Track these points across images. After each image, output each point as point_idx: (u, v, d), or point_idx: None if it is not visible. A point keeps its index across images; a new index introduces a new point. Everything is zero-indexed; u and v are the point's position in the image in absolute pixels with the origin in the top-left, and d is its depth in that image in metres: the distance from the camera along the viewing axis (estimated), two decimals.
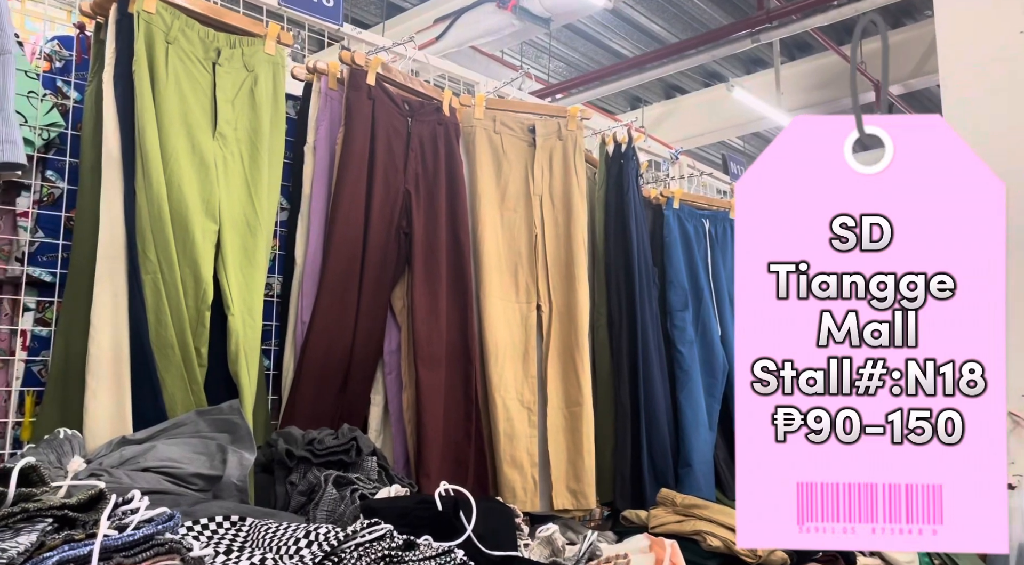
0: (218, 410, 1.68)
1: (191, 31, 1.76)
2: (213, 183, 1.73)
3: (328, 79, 2.14)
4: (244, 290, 1.77)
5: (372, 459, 1.78)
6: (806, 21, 5.45)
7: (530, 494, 2.24)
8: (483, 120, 2.46)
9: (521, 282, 2.44)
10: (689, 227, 3.16)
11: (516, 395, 2.33)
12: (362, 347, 2.08)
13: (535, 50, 7.79)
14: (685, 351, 2.95)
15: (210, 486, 1.61)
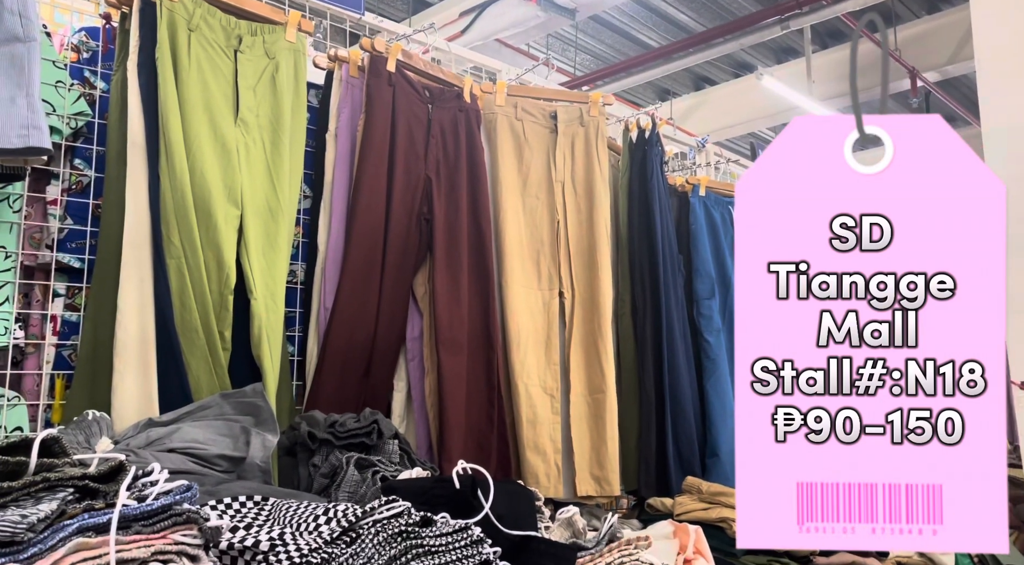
0: (242, 393, 1.70)
1: (213, 19, 1.78)
2: (235, 169, 1.75)
3: (349, 67, 2.15)
4: (266, 275, 1.79)
5: (394, 442, 1.79)
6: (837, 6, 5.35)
7: (553, 480, 2.23)
8: (504, 107, 2.46)
9: (543, 269, 2.43)
10: (716, 215, 3.12)
11: (539, 382, 2.32)
12: (384, 333, 2.09)
13: (561, 43, 7.76)
14: (712, 340, 2.91)
15: (234, 467, 1.63)
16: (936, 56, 6.72)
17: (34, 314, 1.80)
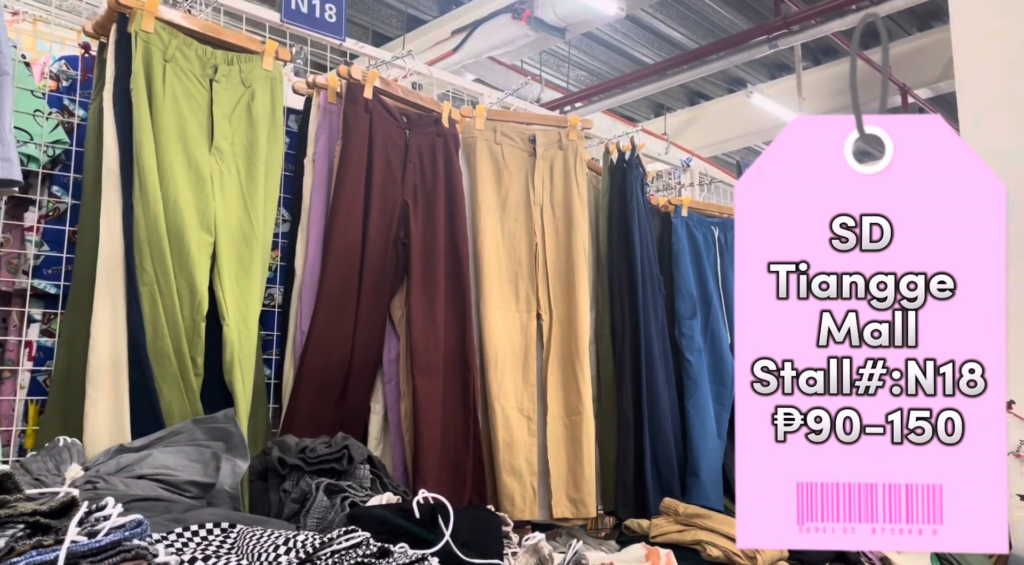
0: (213, 419, 1.71)
1: (188, 49, 1.81)
2: (209, 197, 1.78)
3: (327, 93, 2.18)
4: (239, 301, 1.80)
5: (365, 467, 1.80)
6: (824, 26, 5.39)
7: (529, 503, 2.24)
8: (484, 131, 2.48)
9: (521, 291, 2.45)
10: (698, 235, 3.14)
11: (516, 403, 2.33)
12: (361, 356, 2.11)
13: (555, 59, 7.81)
14: (693, 360, 2.93)
15: (204, 493, 1.65)
16: (927, 73, 6.76)
17: (11, 340, 1.82)
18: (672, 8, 6.82)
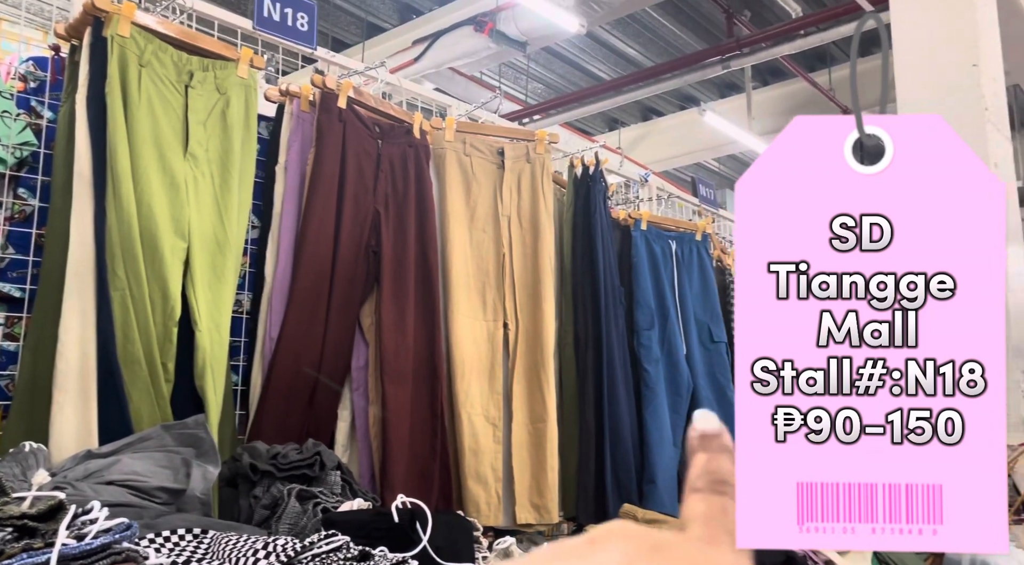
0: (183, 424, 1.71)
1: (164, 55, 1.81)
2: (183, 202, 1.77)
3: (300, 101, 2.19)
4: (212, 307, 1.80)
5: (336, 473, 1.82)
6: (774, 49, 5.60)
7: (494, 509, 2.28)
8: (453, 142, 2.53)
9: (489, 300, 2.49)
10: (656, 248, 3.24)
11: (482, 411, 2.37)
12: (330, 363, 2.12)
13: (514, 71, 7.91)
14: (651, 369, 3.01)
15: (174, 500, 1.64)
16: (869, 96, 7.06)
17: None
18: (629, 27, 6.98)
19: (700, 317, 3.29)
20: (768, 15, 6.53)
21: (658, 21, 6.86)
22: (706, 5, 6.35)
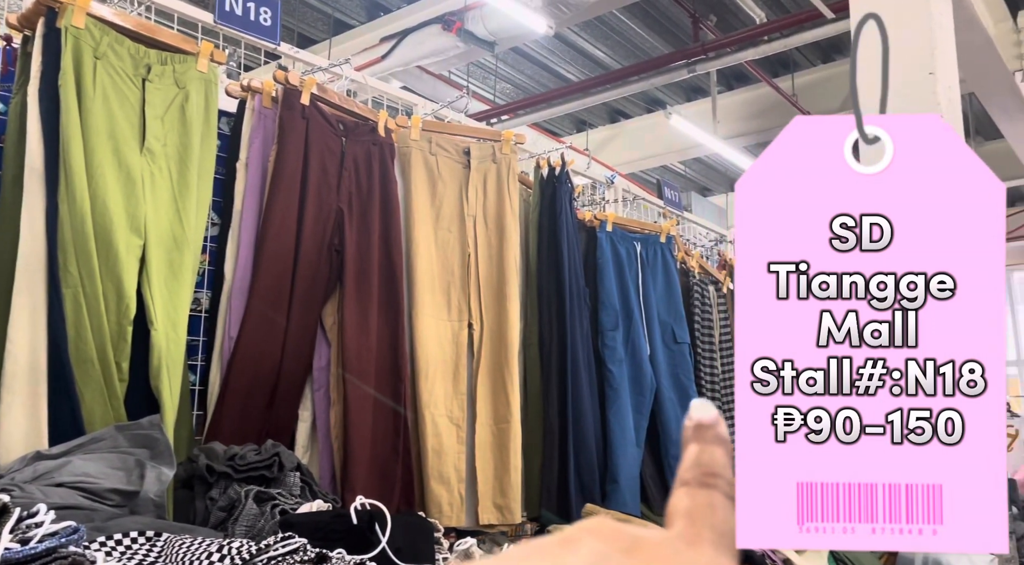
0: (138, 425, 1.67)
1: (120, 47, 1.77)
2: (139, 198, 1.74)
3: (262, 97, 2.16)
4: (168, 305, 1.77)
5: (295, 475, 1.79)
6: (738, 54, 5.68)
7: (456, 510, 2.27)
8: (419, 141, 2.51)
9: (453, 300, 2.49)
10: (621, 250, 3.26)
11: (445, 411, 2.36)
12: (291, 363, 2.09)
13: (482, 71, 7.90)
14: (615, 370, 3.03)
15: (127, 502, 1.60)
16: (830, 102, 7.21)
17: None
18: (597, 29, 7.02)
19: (664, 318, 3.32)
20: (733, 20, 6.62)
21: (626, 24, 6.91)
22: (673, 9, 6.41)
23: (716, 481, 0.30)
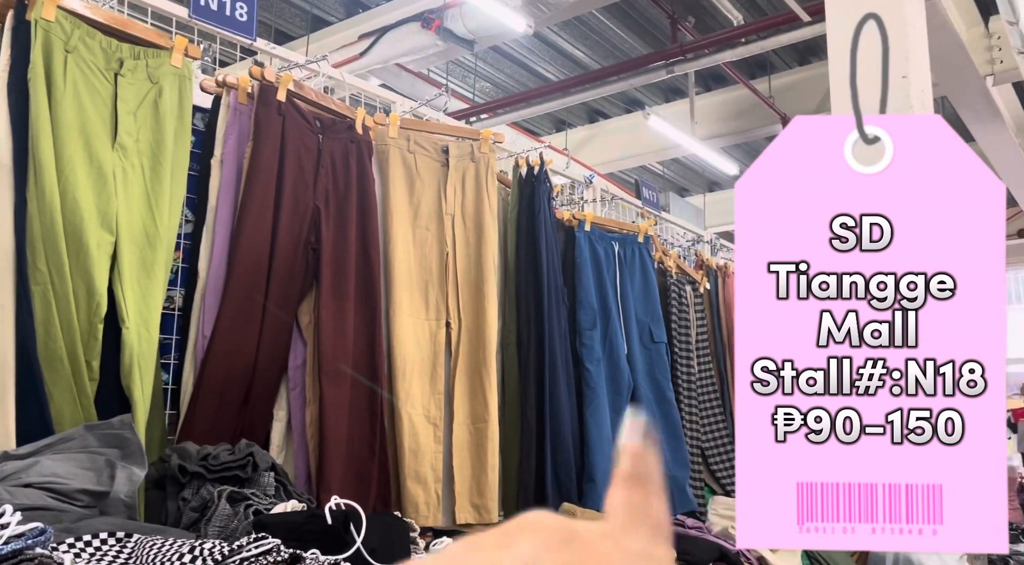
0: (108, 425, 1.64)
1: (92, 41, 1.74)
2: (111, 194, 1.71)
3: (238, 93, 2.14)
4: (140, 303, 1.74)
5: (269, 474, 1.78)
6: (716, 55, 5.72)
7: (433, 509, 2.26)
8: (397, 139, 2.50)
9: (431, 299, 2.48)
10: (599, 249, 3.27)
11: (423, 411, 2.36)
12: (265, 362, 2.07)
13: (461, 70, 7.88)
14: (592, 369, 3.04)
15: (96, 502, 1.58)
16: (806, 104, 7.28)
17: None
18: (576, 29, 7.04)
19: (641, 318, 3.34)
20: (711, 22, 6.67)
21: (605, 24, 6.93)
22: (651, 10, 6.45)
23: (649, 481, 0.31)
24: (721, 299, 4.10)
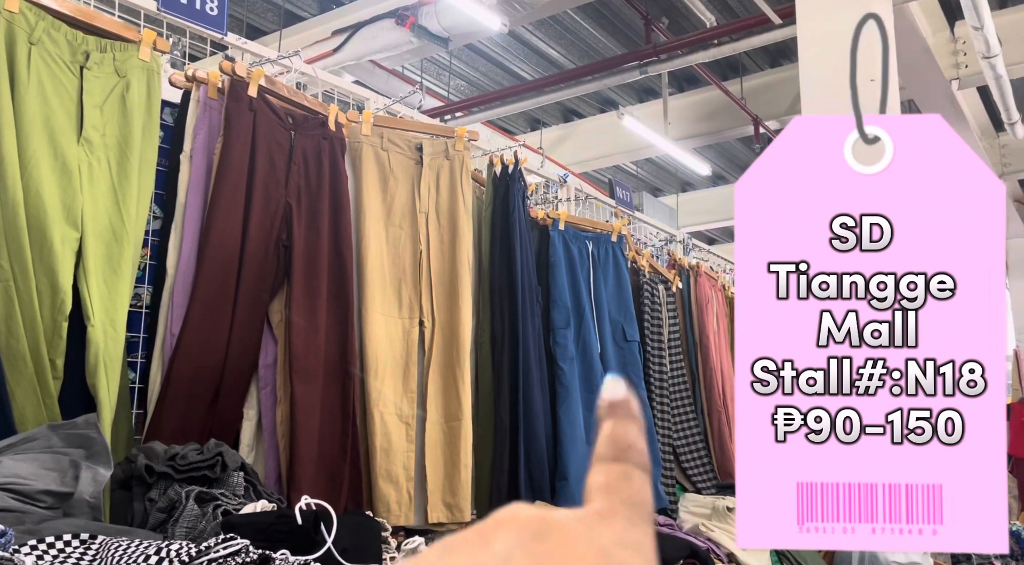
0: (73, 424, 1.61)
1: (57, 33, 1.70)
2: (76, 189, 1.67)
3: (208, 88, 2.11)
4: (107, 300, 1.71)
5: (239, 474, 1.75)
6: (689, 57, 5.77)
7: (404, 509, 2.25)
8: (370, 136, 2.48)
9: (404, 297, 2.46)
10: (573, 248, 3.28)
11: (395, 410, 2.34)
12: (235, 360, 2.05)
13: (436, 67, 7.86)
14: (566, 367, 3.05)
15: (60, 504, 1.55)
16: (776, 106, 7.37)
17: None
18: (551, 28, 7.05)
19: (614, 316, 3.36)
20: (684, 23, 6.72)
21: (579, 24, 6.95)
22: (626, 11, 6.48)
23: (630, 453, 0.30)
24: (693, 298, 4.14)
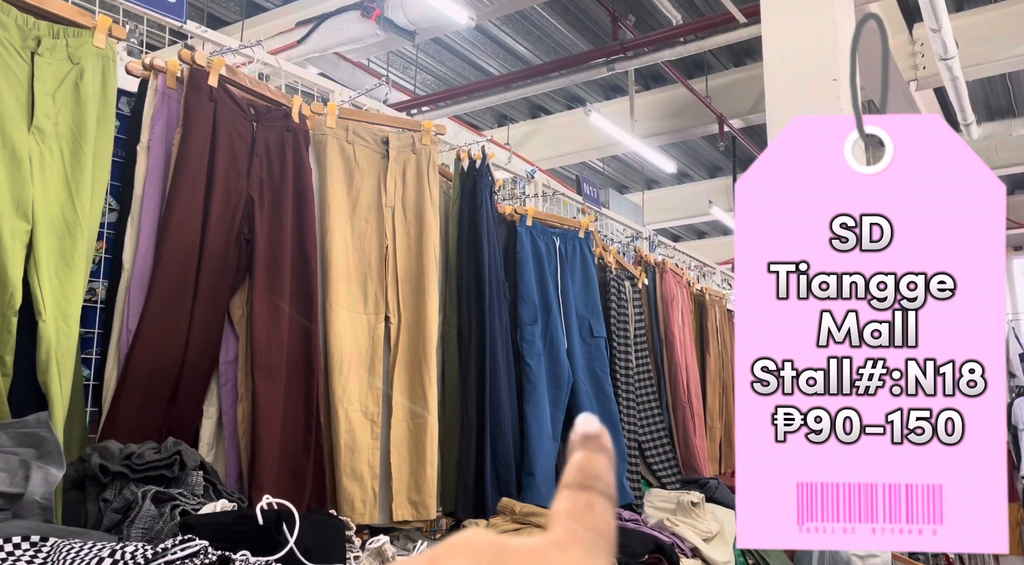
0: (23, 423, 1.55)
1: (7, 17, 1.63)
2: (26, 180, 1.61)
3: (166, 77, 2.05)
4: (59, 295, 1.65)
5: (198, 473, 1.71)
6: (655, 54, 5.80)
7: (369, 506, 2.22)
8: (335, 129, 2.44)
9: (370, 293, 2.43)
10: (541, 244, 3.27)
11: (360, 406, 2.31)
12: (195, 357, 2.00)
13: (402, 61, 7.78)
14: (533, 364, 3.04)
15: (9, 505, 1.49)
16: (741, 105, 7.46)
17: None
18: (519, 23, 7.03)
19: (581, 312, 3.36)
20: (651, 21, 6.76)
21: (547, 20, 6.94)
22: (593, 7, 6.48)
23: (596, 483, 0.30)
24: (659, 295, 4.16)
